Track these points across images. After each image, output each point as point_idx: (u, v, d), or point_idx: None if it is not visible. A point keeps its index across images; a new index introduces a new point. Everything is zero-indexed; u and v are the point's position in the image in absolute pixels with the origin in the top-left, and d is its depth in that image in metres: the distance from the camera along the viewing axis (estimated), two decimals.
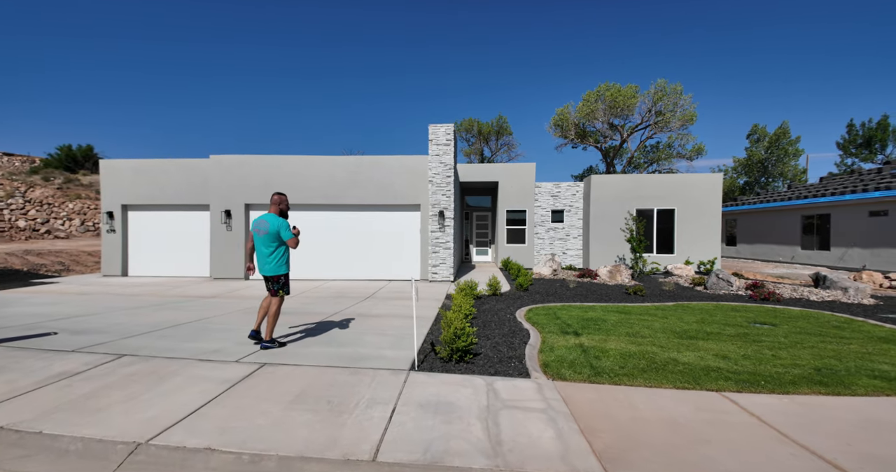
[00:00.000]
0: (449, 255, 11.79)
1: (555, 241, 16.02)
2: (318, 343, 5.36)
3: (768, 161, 29.04)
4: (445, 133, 11.69)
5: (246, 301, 8.71)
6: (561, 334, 6.07)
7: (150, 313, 7.25)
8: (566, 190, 15.95)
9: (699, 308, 8.55)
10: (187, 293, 9.85)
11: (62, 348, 4.96)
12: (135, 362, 4.44)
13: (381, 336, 5.78)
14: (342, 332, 6.01)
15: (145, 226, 13.45)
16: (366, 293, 9.94)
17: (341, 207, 12.41)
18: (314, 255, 12.39)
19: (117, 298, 8.99)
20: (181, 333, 5.77)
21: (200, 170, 13.06)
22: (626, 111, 25.32)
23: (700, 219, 14.78)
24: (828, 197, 18.29)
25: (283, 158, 12.45)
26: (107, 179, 13.14)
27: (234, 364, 4.45)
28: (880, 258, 15.99)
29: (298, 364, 4.48)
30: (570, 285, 11.05)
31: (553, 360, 4.85)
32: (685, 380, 4.36)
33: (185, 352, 4.85)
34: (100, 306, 7.78)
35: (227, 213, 12.45)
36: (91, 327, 6.08)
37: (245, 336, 5.53)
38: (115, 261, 13.11)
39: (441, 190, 11.76)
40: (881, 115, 31.34)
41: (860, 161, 30.31)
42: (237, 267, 12.40)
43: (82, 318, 6.71)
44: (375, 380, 4.08)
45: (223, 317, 6.97)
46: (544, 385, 4.09)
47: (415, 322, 4.70)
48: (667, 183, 14.94)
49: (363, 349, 5.10)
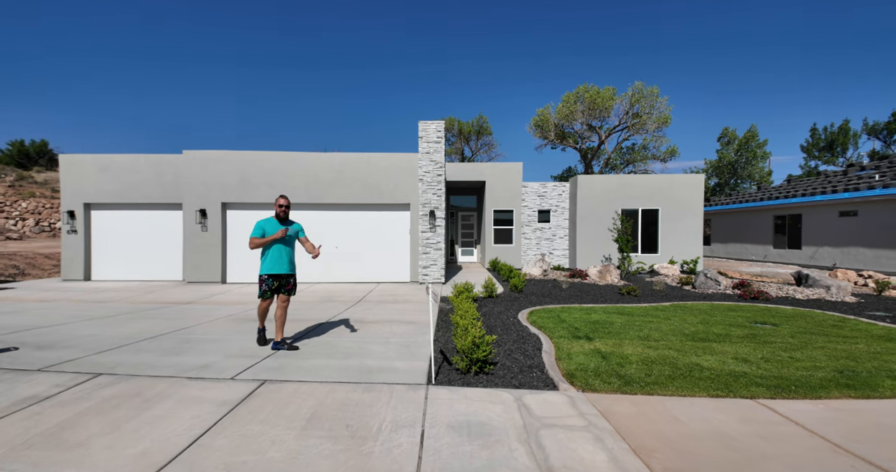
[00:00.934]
0: (440, 256, 11.43)
1: (541, 241, 15.89)
2: (319, 354, 4.91)
3: (738, 163, 30.00)
4: (436, 130, 11.33)
5: (227, 307, 8.10)
6: (573, 339, 5.82)
7: (122, 322, 6.59)
8: (552, 190, 15.84)
9: (697, 308, 8.50)
10: (161, 299, 9.13)
11: (26, 366, 4.34)
12: (114, 383, 3.89)
13: (384, 345, 5.37)
14: (342, 341, 5.57)
15: (110, 226, 12.51)
16: (355, 297, 9.47)
17: (326, 206, 11.86)
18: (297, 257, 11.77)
19: (83, 305, 8.21)
20: (162, 345, 5.20)
21: (172, 166, 12.24)
22: (604, 113, 25.57)
23: (683, 219, 14.94)
24: (799, 198, 18.89)
25: (262, 154, 11.80)
26: (67, 176, 12.14)
27: (229, 382, 3.97)
28: (850, 257, 16.57)
29: (303, 380, 4.03)
30: (562, 285, 10.87)
31: (576, 369, 4.57)
32: (716, 387, 4.17)
33: (170, 369, 4.31)
34: (64, 316, 7.04)
35: (202, 212, 11.69)
36: (57, 340, 5.42)
37: (236, 348, 5.04)
38: (76, 264, 12.13)
39: (432, 189, 11.39)
40: (842, 120, 32.83)
41: (823, 164, 31.71)
42: (213, 270, 11.67)
43: (46, 329, 6.00)
44: (393, 397, 3.69)
45: (206, 326, 6.39)
46: (576, 398, 3.80)
47: (432, 330, 4.31)
48: (651, 183, 15.04)
49: (370, 361, 4.69)
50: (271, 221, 5.22)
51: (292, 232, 5.30)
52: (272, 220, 5.23)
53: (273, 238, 5.06)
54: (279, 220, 5.26)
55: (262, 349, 5.05)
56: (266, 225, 5.15)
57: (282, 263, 5.19)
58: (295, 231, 5.37)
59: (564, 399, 3.78)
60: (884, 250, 15.42)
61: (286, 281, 5.24)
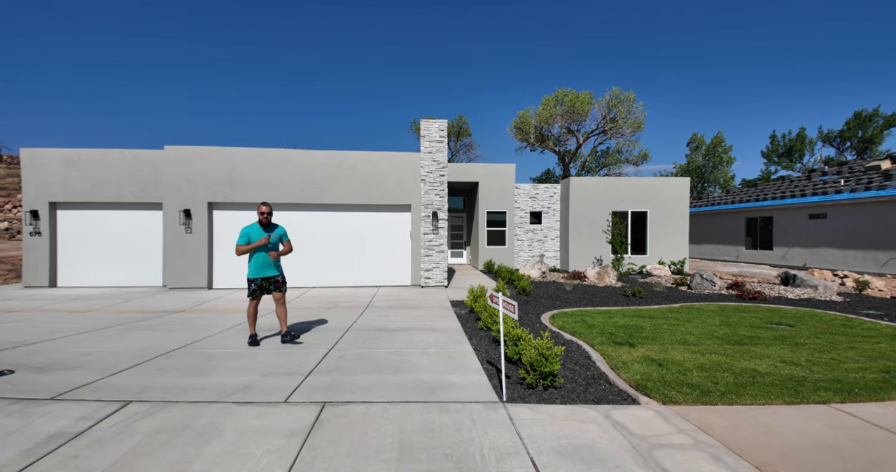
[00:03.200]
0: (443, 258, 11.10)
1: (533, 242, 15.84)
2: (363, 369, 4.51)
3: (706, 168, 31.28)
4: (439, 129, 11.00)
5: (228, 316, 7.48)
6: (615, 346, 5.66)
7: (118, 336, 5.90)
8: (544, 192, 15.83)
9: (708, 310, 8.57)
10: (147, 308, 8.36)
11: (33, 394, 3.72)
12: (151, 412, 3.36)
13: (426, 356, 5.02)
14: (377, 353, 5.17)
15: (79, 228, 11.43)
16: (361, 302, 9.02)
17: (322, 206, 11.28)
18: (291, 260, 11.13)
19: (61, 317, 7.37)
20: (182, 363, 4.64)
21: (151, 162, 11.33)
22: (582, 117, 25.96)
23: (670, 221, 15.27)
24: (770, 201, 19.74)
25: (253, 150, 11.10)
26: (30, 172, 10.99)
27: (285, 407, 3.53)
28: (820, 257, 17.42)
29: (366, 401, 3.65)
30: (566, 287, 10.79)
31: (641, 379, 4.40)
32: (787, 393, 4.12)
33: (207, 392, 3.81)
34: (47, 329, 6.24)
35: (186, 213, 10.85)
36: (56, 360, 4.74)
37: (268, 365, 4.57)
38: (40, 270, 11.00)
39: (434, 189, 11.04)
40: (799, 127, 34.82)
41: (782, 169, 33.53)
42: (198, 275, 10.85)
43: (35, 347, 5.27)
44: (474, 419, 3.38)
45: (217, 339, 5.81)
46: (664, 413, 3.63)
47: (502, 341, 3.99)
48: (640, 186, 15.28)
49: (422, 375, 4.34)
50: (255, 227, 5.47)
51: (275, 238, 5.57)
52: (256, 226, 5.48)
53: (257, 245, 5.35)
54: (262, 226, 5.50)
55: (301, 366, 4.59)
56: (251, 232, 5.41)
57: (267, 266, 5.50)
58: (278, 236, 5.63)
59: (653, 414, 3.59)
60: (851, 250, 16.28)
61: (273, 281, 5.58)
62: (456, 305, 8.69)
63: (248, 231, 5.39)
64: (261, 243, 5.34)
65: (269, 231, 5.50)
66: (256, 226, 5.46)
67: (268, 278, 5.49)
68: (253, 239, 5.38)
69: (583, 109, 25.27)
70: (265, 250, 5.45)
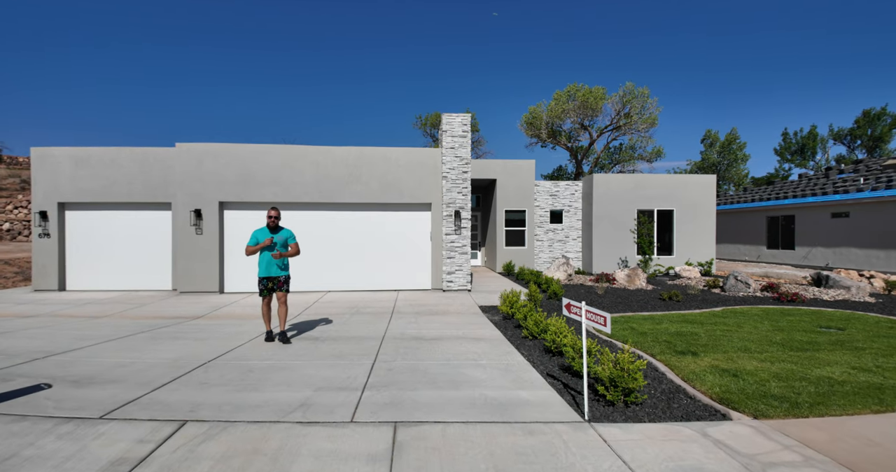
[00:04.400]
0: (466, 260, 10.66)
1: (554, 243, 15.38)
2: (419, 384, 4.10)
3: (721, 165, 30.84)
4: (462, 123, 10.56)
5: (250, 323, 7.07)
6: (678, 355, 5.25)
7: (145, 345, 5.49)
8: (565, 189, 15.37)
9: (753, 314, 8.17)
10: (162, 314, 7.94)
11: (79, 412, 3.33)
12: (211, 434, 2.97)
13: (479, 368, 4.60)
14: (428, 365, 4.75)
15: (87, 229, 11.01)
16: (384, 308, 8.60)
17: (339, 206, 10.85)
18: (307, 263, 10.72)
19: (79, 323, 6.95)
20: (224, 376, 4.23)
21: (161, 161, 10.91)
22: (595, 112, 25.52)
23: (696, 220, 14.82)
24: (791, 199, 19.30)
25: (267, 147, 10.67)
26: (39, 171, 10.57)
27: (354, 427, 3.12)
28: (843, 257, 16.99)
29: (440, 421, 3.24)
30: (597, 291, 10.36)
31: (721, 392, 4.03)
32: (872, 402, 3.87)
33: (264, 410, 3.41)
34: (69, 336, 5.84)
35: (196, 213, 10.43)
36: (90, 372, 4.34)
37: (317, 378, 4.19)
38: (49, 272, 10.58)
39: (457, 187, 10.61)
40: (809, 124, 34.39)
41: (796, 167, 33.13)
42: (209, 278, 10.41)
43: (64, 357, 4.86)
44: (565, 441, 2.97)
45: (250, 348, 5.39)
46: (760, 428, 3.33)
47: (585, 356, 3.55)
48: (666, 183, 14.83)
49: (486, 391, 3.91)
50: (264, 229, 5.83)
51: (279, 240, 5.85)
52: (264, 229, 5.84)
53: (262, 246, 5.68)
54: (270, 229, 5.83)
55: (351, 379, 4.18)
56: (259, 234, 5.79)
57: (271, 267, 5.79)
58: (283, 238, 5.93)
59: (750, 430, 3.26)
60: (874, 250, 15.86)
61: (276, 281, 5.86)
62: (486, 311, 8.25)
63: (257, 234, 5.79)
64: (266, 245, 5.67)
65: (275, 233, 5.86)
66: (265, 228, 5.83)
67: (272, 277, 5.81)
68: (260, 241, 5.74)
69: (596, 105, 24.82)
70: (270, 250, 5.79)
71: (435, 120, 30.28)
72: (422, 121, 30.96)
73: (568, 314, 3.67)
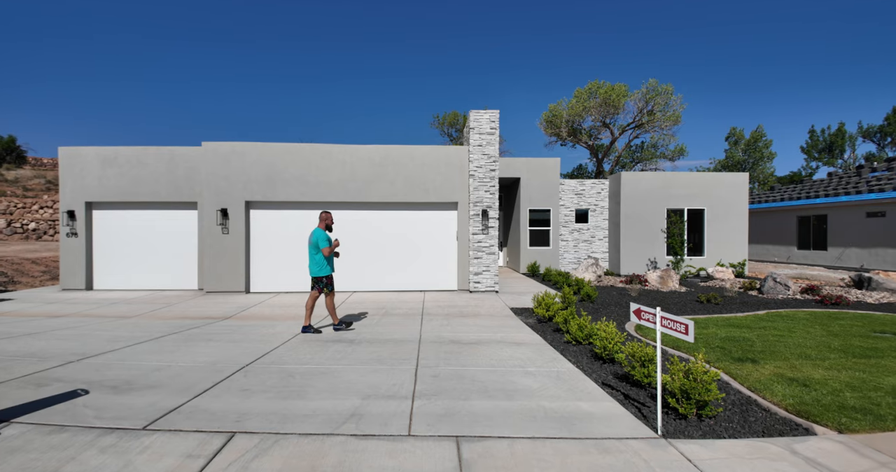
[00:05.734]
0: (493, 261, 10.41)
1: (579, 243, 15.03)
2: (470, 392, 3.87)
3: (746, 163, 30.01)
4: (490, 120, 10.31)
5: (281, 324, 6.92)
6: (736, 363, 4.94)
7: (178, 347, 5.36)
8: (591, 188, 15.00)
9: (800, 318, 7.80)
10: (190, 314, 7.85)
11: (121, 423, 3.17)
12: (264, 447, 2.79)
13: (528, 376, 4.36)
14: (474, 372, 4.52)
15: (114, 228, 11.03)
16: (412, 309, 8.40)
17: (364, 205, 10.68)
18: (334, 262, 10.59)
19: (109, 323, 6.89)
20: (265, 383, 4.05)
21: (187, 160, 10.87)
22: (617, 110, 25.00)
23: (728, 219, 14.33)
24: (823, 198, 18.62)
25: (294, 146, 10.55)
26: (67, 171, 10.61)
27: (414, 442, 2.92)
28: (878, 258, 16.31)
29: (504, 436, 3.02)
30: (630, 293, 10.03)
31: (795, 403, 3.75)
32: None
33: (312, 421, 3.22)
34: (101, 338, 5.75)
35: (223, 212, 10.36)
36: (127, 376, 4.21)
37: (361, 384, 3.97)
38: (77, 271, 10.62)
39: (484, 186, 10.36)
40: (838, 122, 33.31)
41: (823, 165, 32.12)
42: (235, 278, 10.33)
43: (97, 360, 4.75)
44: (646, 460, 2.73)
45: (286, 351, 5.23)
46: (849, 443, 3.09)
47: (658, 364, 3.28)
48: (696, 181, 14.37)
49: (544, 402, 3.67)
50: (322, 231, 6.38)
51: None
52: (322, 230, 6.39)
53: (335, 247, 6.49)
54: (329, 230, 6.51)
55: (399, 387, 3.97)
56: (325, 234, 6.35)
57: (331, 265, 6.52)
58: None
59: (840, 447, 3.01)
60: None
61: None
62: (519, 313, 8.00)
63: (326, 235, 6.37)
64: (336, 247, 6.52)
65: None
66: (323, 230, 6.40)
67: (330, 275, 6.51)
68: (331, 241, 6.38)
69: (618, 102, 24.29)
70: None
71: (453, 119, 30.03)
72: (439, 120, 30.72)
73: (638, 321, 3.41)
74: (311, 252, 6.27)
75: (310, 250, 6.28)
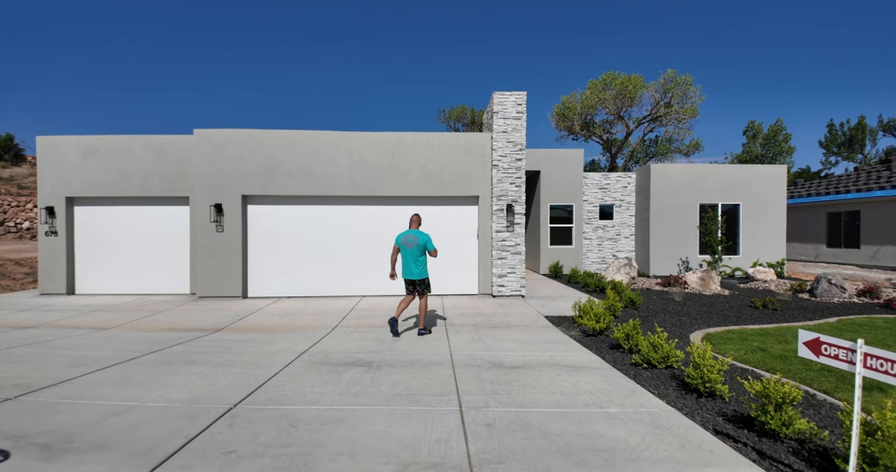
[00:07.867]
0: (519, 261, 9.35)
1: (603, 241, 13.96)
2: (546, 456, 2.81)
3: (765, 158, 28.85)
4: (516, 103, 9.21)
5: (283, 339, 5.86)
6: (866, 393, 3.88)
7: (153, 374, 4.29)
8: (616, 182, 13.92)
9: (878, 326, 6.81)
10: (178, 325, 6.80)
11: None
12: None
13: (615, 423, 3.31)
14: (539, 418, 3.47)
15: (98, 226, 9.97)
16: (431, 318, 7.37)
17: (374, 200, 9.63)
18: (340, 264, 9.54)
19: (80, 337, 5.84)
20: (259, 441, 2.96)
21: (178, 150, 9.81)
22: (632, 102, 23.85)
23: (764, 215, 13.26)
24: (855, 193, 17.55)
25: (296, 133, 9.47)
26: (46, 163, 9.54)
27: None
28: None
29: None
30: (674, 297, 8.99)
31: None
32: None
33: None
34: (62, 359, 4.68)
35: (217, 208, 9.30)
36: (68, 424, 3.11)
37: (392, 441, 2.92)
38: (57, 274, 9.57)
39: (509, 177, 9.29)
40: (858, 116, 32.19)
41: (843, 159, 31.01)
42: (231, 282, 9.27)
43: (45, 393, 3.65)
44: None
45: (288, 381, 4.17)
46: None
47: (855, 427, 2.23)
48: (731, 175, 13.28)
49: (660, 471, 2.61)
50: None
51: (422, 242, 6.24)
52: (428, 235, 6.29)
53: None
54: None
55: (445, 446, 2.87)
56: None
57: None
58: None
59: None
60: None
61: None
62: (557, 323, 6.95)
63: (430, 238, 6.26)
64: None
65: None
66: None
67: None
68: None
69: (634, 93, 23.12)
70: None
71: (460, 113, 28.89)
72: (445, 115, 29.58)
73: (816, 358, 2.35)
74: (415, 254, 6.08)
75: (412, 251, 6.07)
